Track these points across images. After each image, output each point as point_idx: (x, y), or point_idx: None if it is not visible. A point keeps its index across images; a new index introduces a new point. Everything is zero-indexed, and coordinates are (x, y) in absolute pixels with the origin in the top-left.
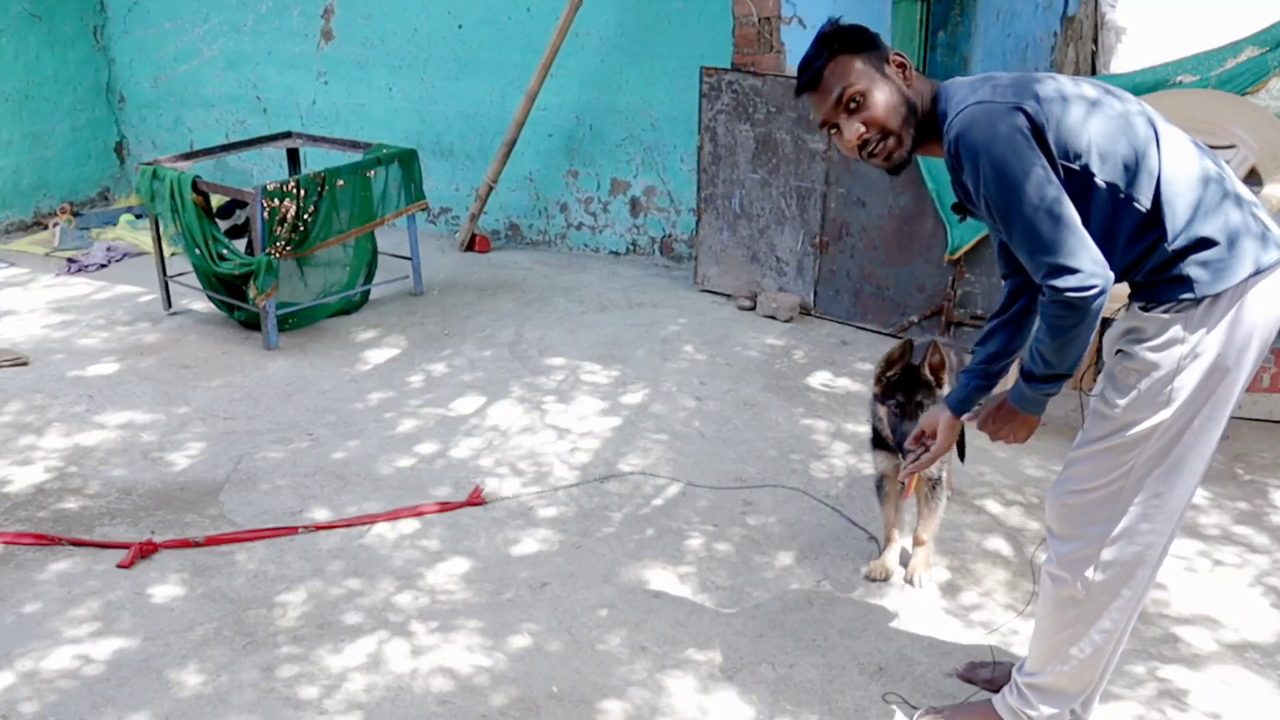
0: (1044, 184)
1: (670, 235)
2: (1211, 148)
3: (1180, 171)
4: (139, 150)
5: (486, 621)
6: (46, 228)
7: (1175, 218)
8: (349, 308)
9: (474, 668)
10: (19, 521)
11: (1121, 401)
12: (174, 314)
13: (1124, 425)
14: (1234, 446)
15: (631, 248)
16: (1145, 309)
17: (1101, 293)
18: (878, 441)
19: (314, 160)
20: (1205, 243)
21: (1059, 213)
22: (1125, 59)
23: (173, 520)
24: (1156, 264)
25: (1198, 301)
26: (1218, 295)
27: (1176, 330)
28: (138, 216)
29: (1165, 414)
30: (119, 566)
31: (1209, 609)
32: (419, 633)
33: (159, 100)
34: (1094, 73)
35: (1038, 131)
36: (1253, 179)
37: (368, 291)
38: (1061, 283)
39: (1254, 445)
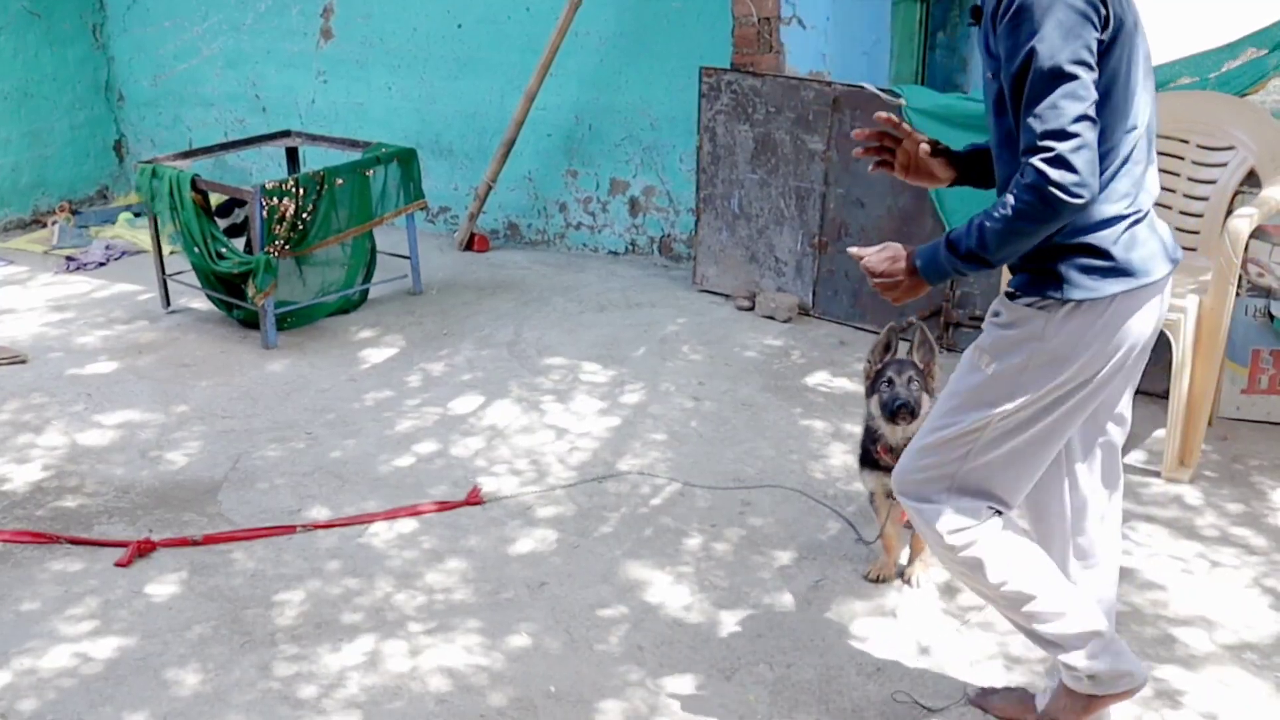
0: (1085, 68)
1: (669, 235)
2: (1210, 149)
3: (1124, 168)
4: (138, 149)
5: (484, 621)
6: (45, 226)
7: (1089, 211)
8: (348, 307)
9: (472, 667)
10: (17, 520)
11: (975, 377)
12: (172, 312)
13: (967, 405)
14: (1232, 448)
15: (630, 248)
16: (1011, 297)
17: (1081, 207)
18: (866, 459)
19: (313, 159)
20: (1092, 248)
21: (1084, 106)
22: None
23: (171, 519)
24: (1041, 248)
25: (1064, 303)
26: (1089, 301)
27: (1035, 326)
28: (136, 215)
29: (1007, 405)
30: (117, 565)
31: (1206, 610)
32: (417, 632)
33: (158, 99)
34: None
35: (1106, 3)
36: (1251, 180)
37: (366, 291)
38: (1055, 173)
39: (1252, 447)
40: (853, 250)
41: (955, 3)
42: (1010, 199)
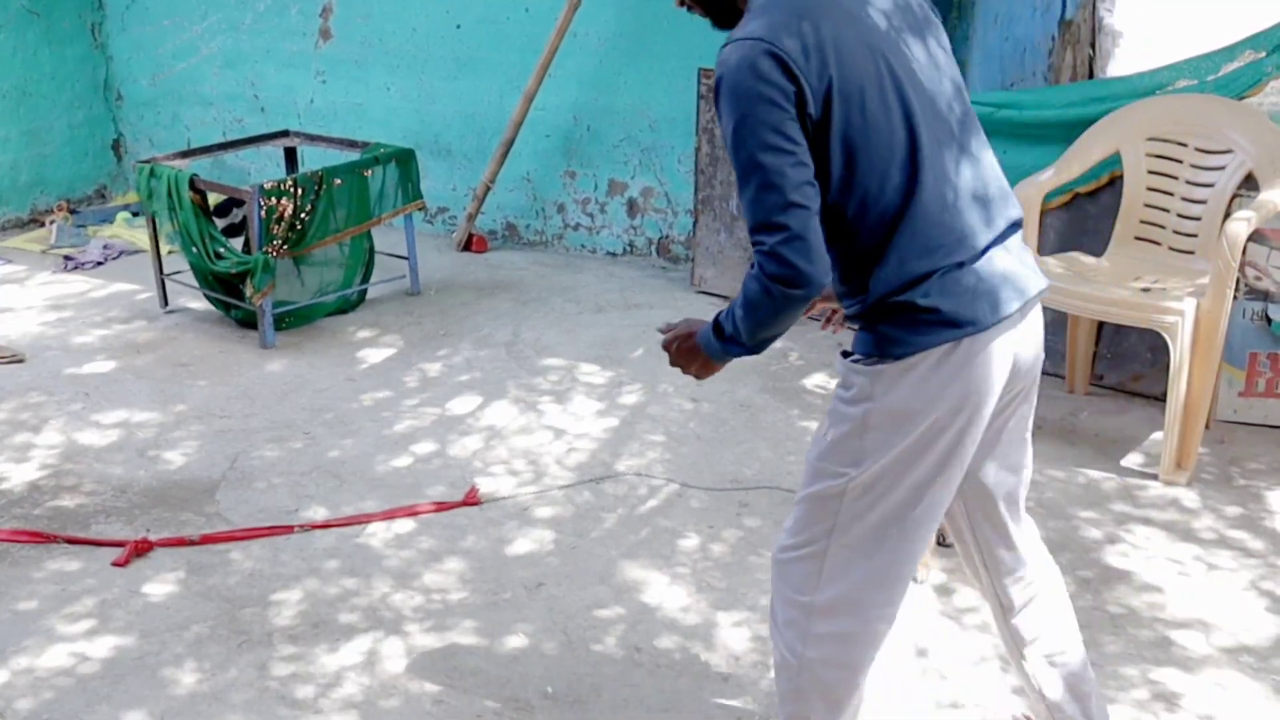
0: (777, 153)
1: (667, 236)
2: (1208, 152)
3: (930, 201)
4: (136, 148)
5: (481, 621)
6: (43, 225)
7: (892, 258)
8: (346, 307)
9: (469, 668)
10: (14, 519)
11: (818, 445)
12: (170, 312)
13: (818, 474)
14: (1229, 451)
15: (629, 249)
16: (845, 356)
17: (807, 296)
18: None
19: (311, 159)
20: (909, 304)
21: (786, 193)
22: (1122, 63)
23: (168, 518)
24: (862, 304)
25: (894, 359)
26: (917, 356)
27: (867, 386)
28: (135, 214)
29: (853, 471)
30: (114, 565)
31: (1203, 613)
32: (414, 632)
33: (157, 98)
34: (1091, 77)
35: (793, 77)
36: (1249, 184)
37: (364, 291)
38: (770, 267)
39: (1249, 449)
40: (659, 330)
41: (953, 5)
42: (744, 288)
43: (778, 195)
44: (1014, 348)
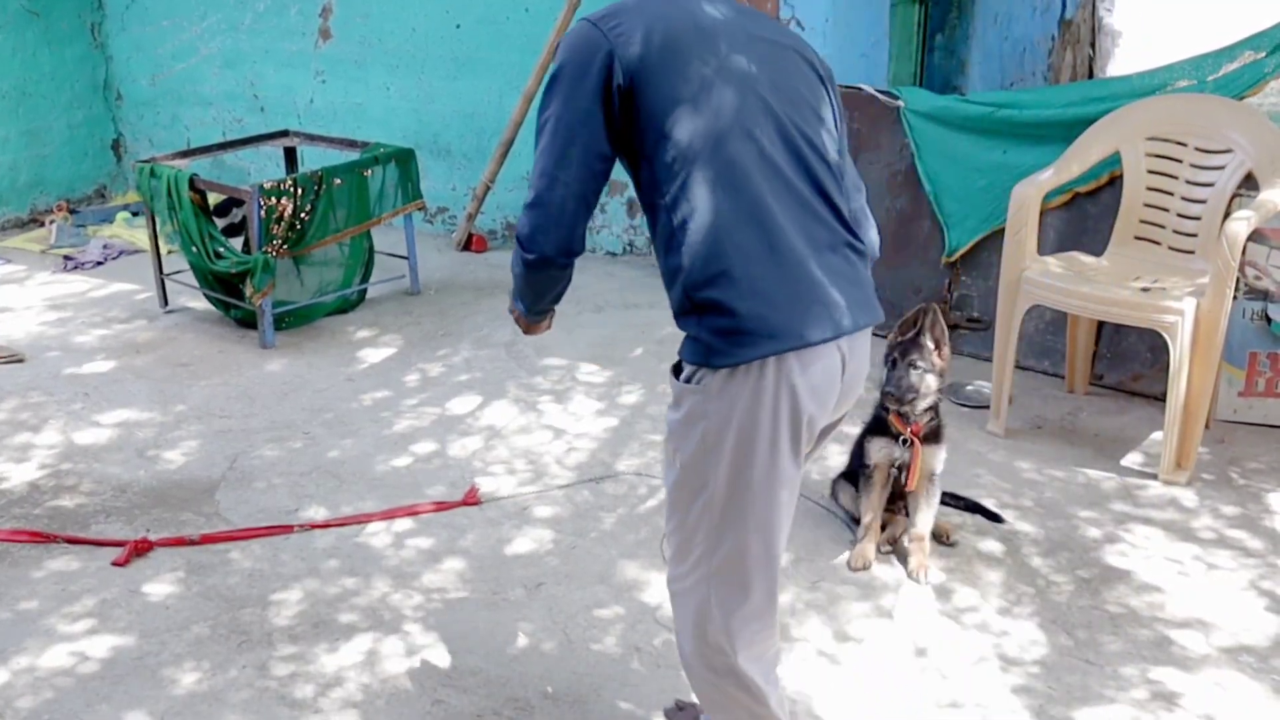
0: (565, 129)
1: None
2: (1208, 152)
3: (727, 198)
4: (136, 148)
5: (481, 621)
6: (43, 225)
7: (699, 255)
8: (345, 307)
9: (469, 667)
10: (14, 519)
11: (671, 473)
12: (170, 312)
13: (677, 497)
14: (1229, 450)
15: (628, 248)
16: (675, 372)
17: (536, 263)
18: (876, 427)
19: (311, 159)
20: (716, 305)
21: (552, 164)
22: (1122, 63)
23: (168, 518)
24: (678, 305)
25: (714, 370)
26: (742, 365)
27: (697, 402)
28: (134, 214)
29: (705, 495)
30: (114, 564)
31: (1203, 612)
32: (414, 632)
33: (156, 98)
34: (1091, 76)
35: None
36: (1249, 183)
37: (364, 291)
38: (519, 224)
39: (1249, 449)
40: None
41: (954, 5)
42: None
43: (547, 160)
44: (843, 371)
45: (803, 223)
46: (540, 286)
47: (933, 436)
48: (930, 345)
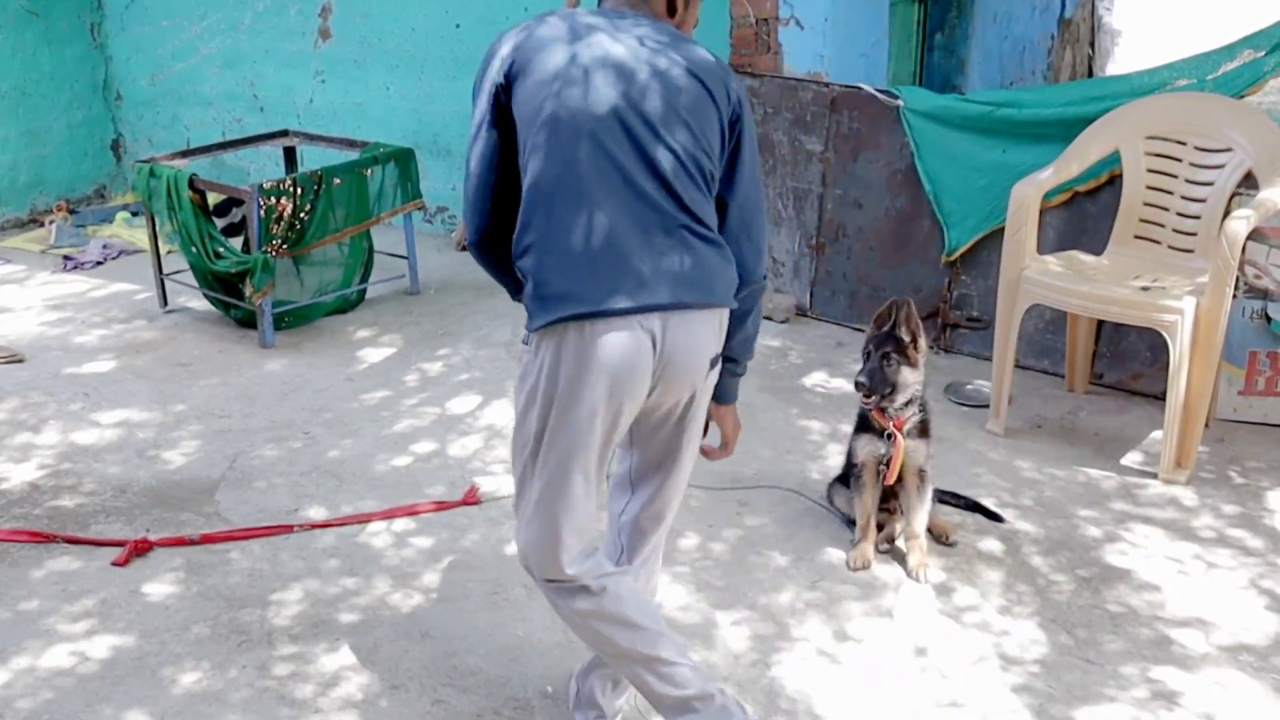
0: (476, 123)
1: None
2: (1207, 151)
3: (550, 166)
4: (136, 148)
5: (481, 621)
6: (43, 225)
7: (523, 228)
8: (345, 306)
9: (469, 667)
10: (14, 519)
11: (515, 429)
12: (170, 312)
13: (515, 447)
14: (1229, 449)
15: None
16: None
17: (473, 240)
18: (862, 425)
19: (311, 159)
20: (534, 272)
21: (471, 152)
22: (1122, 62)
23: (168, 518)
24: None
25: (533, 331)
26: (550, 328)
27: (528, 361)
28: (134, 214)
29: (530, 448)
30: (114, 564)
31: (1203, 611)
32: (414, 632)
33: (156, 98)
34: (1090, 75)
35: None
36: (1249, 182)
37: (364, 290)
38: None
39: (1249, 448)
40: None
41: (953, 4)
42: None
43: (471, 148)
44: (649, 350)
45: (630, 206)
46: (490, 274)
47: (918, 431)
48: (905, 338)
